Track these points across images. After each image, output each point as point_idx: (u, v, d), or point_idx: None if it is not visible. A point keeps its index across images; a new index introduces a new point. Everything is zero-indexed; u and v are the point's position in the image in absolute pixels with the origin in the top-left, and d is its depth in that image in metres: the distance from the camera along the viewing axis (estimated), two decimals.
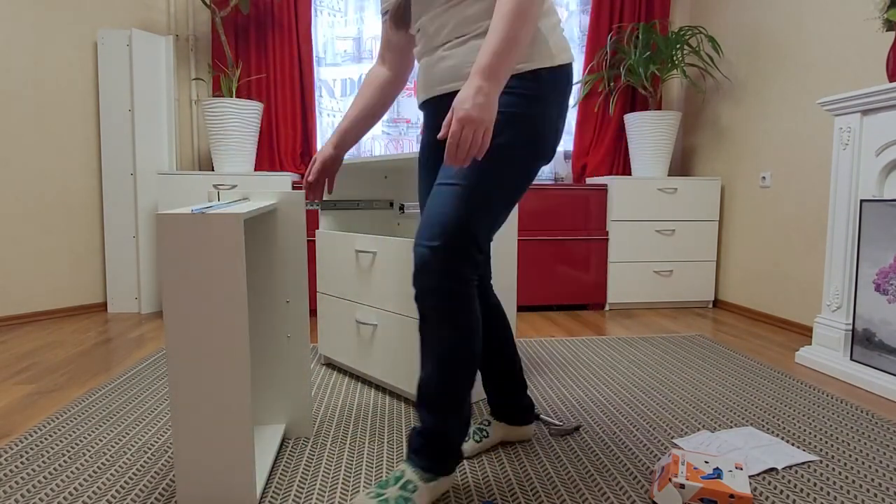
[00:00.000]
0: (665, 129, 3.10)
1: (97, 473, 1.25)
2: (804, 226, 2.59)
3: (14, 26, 2.63)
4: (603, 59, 3.32)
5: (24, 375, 1.93)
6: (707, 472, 1.14)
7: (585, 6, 3.40)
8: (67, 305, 2.88)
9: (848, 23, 2.36)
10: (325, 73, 3.27)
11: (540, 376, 1.92)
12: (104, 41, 2.83)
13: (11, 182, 2.67)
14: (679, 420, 1.56)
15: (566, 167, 3.45)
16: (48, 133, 2.77)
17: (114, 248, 2.92)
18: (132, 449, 1.37)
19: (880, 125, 1.86)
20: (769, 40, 2.81)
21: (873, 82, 2.24)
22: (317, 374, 1.95)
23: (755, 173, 2.90)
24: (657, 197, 3.06)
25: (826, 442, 1.43)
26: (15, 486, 1.19)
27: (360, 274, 1.79)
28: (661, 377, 1.92)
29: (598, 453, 1.36)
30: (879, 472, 1.28)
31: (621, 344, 2.36)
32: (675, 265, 3.11)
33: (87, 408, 1.62)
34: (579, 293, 3.06)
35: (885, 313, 1.81)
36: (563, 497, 1.16)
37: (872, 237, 1.86)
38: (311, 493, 1.17)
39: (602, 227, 3.06)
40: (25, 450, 1.35)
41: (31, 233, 2.75)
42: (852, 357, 1.93)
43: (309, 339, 1.40)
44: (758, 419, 1.57)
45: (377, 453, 1.35)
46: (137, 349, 2.25)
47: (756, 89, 2.90)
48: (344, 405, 1.66)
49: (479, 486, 1.20)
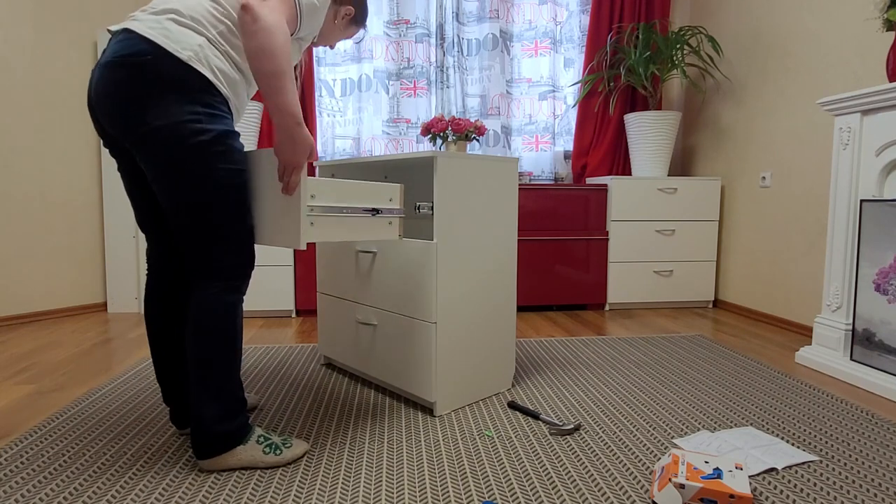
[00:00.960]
0: (665, 129, 3.10)
1: (97, 473, 1.25)
2: (804, 226, 2.59)
3: (14, 26, 2.63)
4: (603, 59, 3.32)
5: (24, 375, 1.93)
6: (707, 472, 1.14)
7: (585, 6, 3.40)
8: (67, 305, 2.88)
9: (848, 23, 2.36)
10: (325, 73, 3.27)
11: (540, 376, 1.92)
12: (104, 41, 2.83)
13: (11, 182, 2.67)
14: (679, 420, 1.56)
15: (566, 167, 3.45)
16: (48, 133, 2.77)
17: (114, 248, 2.92)
18: (132, 449, 1.37)
19: (880, 125, 1.86)
20: (769, 40, 2.81)
21: (873, 82, 2.24)
22: (317, 374, 1.95)
23: (755, 173, 2.90)
24: (657, 197, 3.06)
25: (826, 442, 1.43)
26: (15, 486, 1.19)
27: (360, 274, 1.79)
28: (661, 377, 1.92)
29: (598, 453, 1.36)
30: (879, 472, 1.28)
31: (621, 344, 2.36)
32: (675, 265, 3.11)
33: (87, 408, 1.62)
34: (579, 293, 3.06)
35: (884, 313, 1.81)
36: (563, 497, 1.16)
37: (872, 237, 1.86)
38: (311, 493, 1.17)
39: (602, 227, 3.06)
40: (25, 450, 1.35)
41: (31, 233, 2.75)
42: (852, 357, 1.93)
43: None
44: (758, 419, 1.57)
45: (377, 453, 1.35)
46: (137, 349, 2.25)
47: (756, 89, 2.90)
48: (344, 405, 1.66)
49: (479, 486, 1.20)
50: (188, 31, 1.15)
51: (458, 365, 1.62)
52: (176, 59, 1.12)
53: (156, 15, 1.15)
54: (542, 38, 3.38)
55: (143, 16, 1.15)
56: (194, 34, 1.15)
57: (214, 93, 1.17)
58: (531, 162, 3.44)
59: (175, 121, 1.12)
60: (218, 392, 1.22)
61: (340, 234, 1.27)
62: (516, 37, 3.39)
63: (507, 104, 3.40)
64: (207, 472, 1.25)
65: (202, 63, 1.14)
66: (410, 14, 3.27)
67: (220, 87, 1.18)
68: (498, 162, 1.69)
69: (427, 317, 1.56)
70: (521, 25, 3.39)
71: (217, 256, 1.21)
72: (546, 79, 3.41)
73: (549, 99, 3.42)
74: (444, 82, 3.32)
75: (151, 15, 1.15)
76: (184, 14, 1.15)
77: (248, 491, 1.17)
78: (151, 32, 1.12)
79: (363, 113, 3.29)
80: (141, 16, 1.16)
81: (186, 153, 1.13)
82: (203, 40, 1.16)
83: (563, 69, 3.44)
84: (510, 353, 1.79)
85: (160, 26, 1.13)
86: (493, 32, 3.32)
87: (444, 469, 1.28)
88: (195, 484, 1.20)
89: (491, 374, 1.73)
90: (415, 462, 1.31)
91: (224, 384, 1.23)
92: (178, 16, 1.15)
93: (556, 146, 3.46)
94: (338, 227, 1.27)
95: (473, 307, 1.65)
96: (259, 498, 1.15)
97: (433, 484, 1.21)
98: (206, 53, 1.16)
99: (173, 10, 1.15)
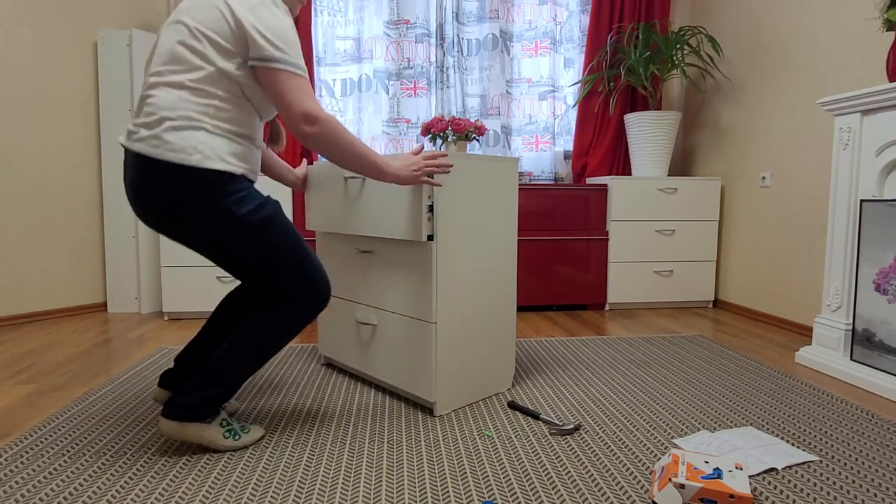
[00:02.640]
0: (665, 129, 3.10)
1: (97, 473, 1.25)
2: (804, 226, 2.59)
3: (14, 26, 2.63)
4: (603, 59, 3.32)
5: (24, 375, 1.93)
6: (707, 472, 1.14)
7: (585, 6, 3.40)
8: (67, 305, 2.88)
9: (848, 23, 2.36)
10: (325, 73, 3.27)
11: (540, 376, 1.92)
12: (104, 41, 2.83)
13: (11, 182, 2.67)
14: (679, 420, 1.56)
15: (566, 167, 3.45)
16: (48, 133, 2.77)
17: (114, 248, 2.92)
18: (132, 449, 1.37)
19: (880, 125, 1.86)
20: (769, 40, 2.81)
21: (873, 82, 2.24)
22: (317, 374, 1.95)
23: (755, 173, 2.90)
24: (657, 197, 3.06)
25: (826, 442, 1.43)
26: (15, 486, 1.19)
27: (361, 274, 1.79)
28: (661, 377, 1.92)
29: (598, 453, 1.36)
30: (879, 472, 1.28)
31: (621, 344, 2.36)
32: (675, 265, 3.11)
33: (87, 408, 1.62)
34: (579, 293, 3.06)
35: (884, 313, 1.81)
36: (563, 497, 1.16)
37: (872, 237, 1.86)
38: (311, 493, 1.17)
39: (602, 227, 3.06)
40: (25, 450, 1.35)
41: (31, 233, 2.75)
42: (852, 357, 1.93)
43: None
44: (758, 419, 1.57)
45: (377, 453, 1.35)
46: (137, 349, 2.25)
47: (756, 89, 2.90)
48: (344, 405, 1.66)
49: (479, 486, 1.20)
50: (186, 132, 1.19)
51: (459, 365, 1.62)
52: (189, 168, 1.19)
53: (151, 129, 1.20)
54: (542, 38, 3.38)
55: (143, 131, 1.21)
56: (192, 132, 1.20)
57: (233, 177, 1.24)
58: (531, 162, 3.44)
59: (210, 219, 1.22)
60: (222, 381, 1.31)
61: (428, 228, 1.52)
62: (516, 37, 3.39)
63: (507, 104, 3.40)
64: (169, 439, 1.38)
65: (212, 158, 1.21)
66: (410, 14, 3.27)
67: (236, 169, 1.25)
68: (498, 162, 1.69)
69: (427, 317, 1.56)
70: (521, 25, 3.39)
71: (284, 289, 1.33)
72: (546, 79, 3.41)
73: (549, 99, 3.42)
74: (444, 82, 3.32)
75: (147, 130, 1.20)
76: (174, 117, 1.19)
77: (248, 491, 1.18)
78: (157, 151, 1.18)
79: (363, 113, 3.29)
80: (142, 132, 1.21)
81: (230, 241, 1.26)
82: (202, 134, 1.21)
83: (563, 69, 3.44)
84: (510, 352, 1.79)
85: (161, 141, 1.18)
86: (493, 32, 3.32)
87: (444, 469, 1.28)
88: (195, 484, 1.20)
89: (491, 374, 1.73)
90: (415, 462, 1.31)
91: (232, 380, 1.32)
92: (171, 121, 1.19)
93: (556, 146, 3.46)
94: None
95: (473, 307, 1.65)
96: (259, 498, 1.15)
97: (433, 484, 1.21)
98: (212, 145, 1.21)
99: (163, 117, 1.19)
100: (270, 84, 1.22)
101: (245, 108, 1.28)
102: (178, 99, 1.20)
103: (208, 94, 1.22)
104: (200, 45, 1.21)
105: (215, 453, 1.34)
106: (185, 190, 1.20)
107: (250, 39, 1.20)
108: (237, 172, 1.25)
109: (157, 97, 1.21)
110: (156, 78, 1.22)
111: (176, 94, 1.20)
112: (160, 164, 1.19)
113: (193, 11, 1.22)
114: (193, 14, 1.22)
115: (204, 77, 1.21)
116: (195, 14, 1.22)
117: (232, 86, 1.24)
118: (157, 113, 1.20)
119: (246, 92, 1.27)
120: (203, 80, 1.21)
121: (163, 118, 1.19)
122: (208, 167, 1.20)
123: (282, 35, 1.22)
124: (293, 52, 1.23)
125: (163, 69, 1.22)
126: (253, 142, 1.33)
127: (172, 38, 1.22)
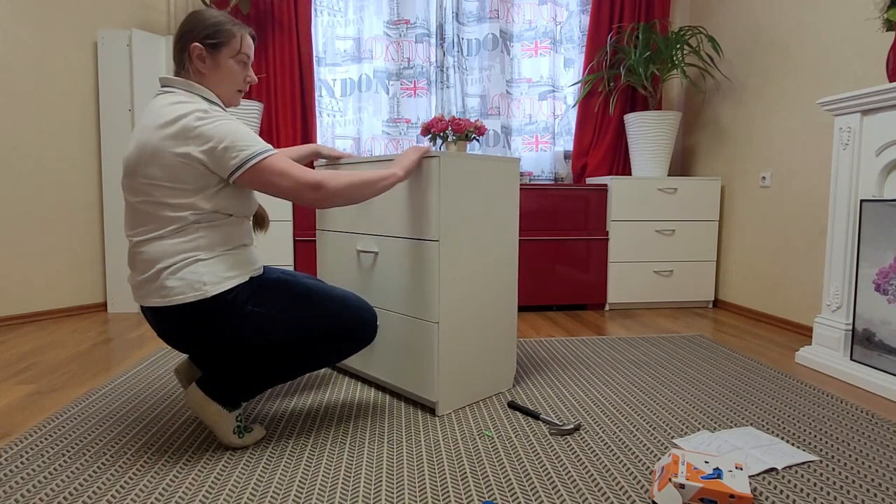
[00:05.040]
0: (665, 129, 3.10)
1: (97, 473, 1.25)
2: (804, 226, 2.59)
3: (14, 26, 2.63)
4: (603, 59, 3.32)
5: (24, 375, 1.93)
6: (707, 472, 1.14)
7: (585, 6, 3.40)
8: (67, 305, 2.88)
9: (848, 23, 2.36)
10: (325, 73, 3.27)
11: (540, 376, 1.93)
12: (104, 41, 2.83)
13: (11, 182, 2.67)
14: (679, 420, 1.56)
15: (566, 167, 3.45)
16: (48, 133, 2.77)
17: (114, 248, 2.92)
18: (132, 449, 1.37)
19: (880, 125, 1.86)
20: (769, 40, 2.81)
21: (873, 82, 2.24)
22: (317, 373, 1.95)
23: (755, 173, 2.91)
24: (657, 197, 3.06)
25: (826, 442, 1.43)
26: (15, 486, 1.19)
27: (361, 274, 1.79)
28: (661, 377, 1.92)
29: (598, 453, 1.36)
30: (879, 472, 1.28)
31: (621, 344, 2.36)
32: (675, 265, 3.11)
33: (87, 408, 1.62)
34: (579, 293, 3.06)
35: (885, 313, 1.81)
36: (563, 497, 1.16)
37: (872, 237, 1.86)
38: (311, 493, 1.17)
39: (602, 227, 3.06)
40: (25, 450, 1.35)
41: (31, 233, 2.75)
42: (852, 357, 1.93)
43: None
44: (758, 419, 1.57)
45: (377, 453, 1.35)
46: (137, 349, 2.25)
47: (756, 89, 2.90)
48: (344, 405, 1.66)
49: (479, 486, 1.20)
50: (183, 271, 1.24)
51: (460, 365, 1.62)
52: (202, 301, 1.24)
53: (154, 282, 1.25)
54: (542, 38, 3.38)
55: (148, 286, 1.26)
56: (190, 268, 1.24)
57: (242, 285, 1.30)
58: (531, 162, 3.44)
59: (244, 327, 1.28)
60: (259, 376, 1.35)
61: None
62: (516, 37, 3.39)
63: (507, 104, 3.40)
64: (190, 411, 1.37)
65: (218, 283, 1.26)
66: (410, 14, 3.27)
67: (242, 278, 1.30)
68: (499, 162, 1.69)
69: (429, 316, 1.56)
70: (521, 25, 3.39)
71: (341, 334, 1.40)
72: (546, 79, 3.41)
73: (549, 99, 3.42)
74: (444, 82, 3.33)
75: (151, 284, 1.25)
76: (169, 265, 1.23)
77: (248, 491, 1.18)
78: (161, 301, 1.24)
79: (363, 113, 3.29)
80: (147, 287, 1.26)
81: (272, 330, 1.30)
82: (200, 266, 1.25)
83: (563, 69, 3.44)
84: (511, 352, 1.79)
85: (168, 289, 1.23)
86: (493, 32, 3.32)
87: (445, 469, 1.28)
88: (195, 484, 1.20)
89: (492, 374, 1.73)
90: (415, 462, 1.31)
91: (268, 379, 1.37)
92: (167, 269, 1.24)
93: (556, 146, 3.46)
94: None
95: (475, 307, 1.65)
96: (259, 498, 1.15)
97: (433, 484, 1.21)
98: (213, 271, 1.25)
99: (160, 268, 1.24)
100: (254, 182, 1.25)
101: (229, 223, 1.31)
102: (168, 246, 1.24)
103: (191, 231, 1.25)
104: (166, 199, 1.23)
105: (215, 453, 1.34)
106: (208, 318, 1.26)
107: (216, 163, 1.22)
108: (245, 280, 1.31)
109: (146, 252, 1.25)
110: (138, 238, 1.26)
111: (163, 244, 1.24)
112: (177, 309, 1.25)
113: (142, 167, 1.22)
114: (144, 171, 1.22)
115: (182, 225, 1.24)
116: (146, 171, 1.22)
117: (209, 214, 1.27)
118: (152, 266, 1.24)
119: (223, 210, 1.29)
120: (182, 228, 1.24)
121: (160, 270, 1.24)
122: (218, 293, 1.25)
123: (232, 136, 1.22)
124: (252, 140, 1.24)
125: (140, 230, 1.26)
126: (247, 245, 1.38)
127: (137, 198, 1.25)
